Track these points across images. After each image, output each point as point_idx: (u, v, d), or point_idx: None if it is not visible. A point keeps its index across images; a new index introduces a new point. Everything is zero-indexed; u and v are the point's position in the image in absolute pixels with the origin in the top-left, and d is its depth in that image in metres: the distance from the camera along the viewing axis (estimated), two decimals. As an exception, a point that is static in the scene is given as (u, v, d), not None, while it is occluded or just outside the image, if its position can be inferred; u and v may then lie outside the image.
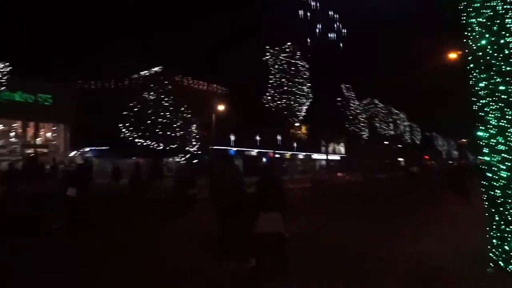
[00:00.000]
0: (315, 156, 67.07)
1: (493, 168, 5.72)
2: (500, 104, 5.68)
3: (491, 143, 5.75)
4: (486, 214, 5.93)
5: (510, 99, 5.65)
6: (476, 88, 5.98)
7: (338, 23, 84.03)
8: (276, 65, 33.29)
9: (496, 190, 5.66)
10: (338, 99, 44.40)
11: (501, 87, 5.69)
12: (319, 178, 25.40)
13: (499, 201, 5.63)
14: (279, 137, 53.97)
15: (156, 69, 46.28)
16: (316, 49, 62.88)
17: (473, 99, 6.04)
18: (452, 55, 34.79)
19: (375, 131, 55.91)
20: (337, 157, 66.48)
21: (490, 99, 5.77)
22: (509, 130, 5.60)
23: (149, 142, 26.07)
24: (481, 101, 5.90)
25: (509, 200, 5.53)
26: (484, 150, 5.85)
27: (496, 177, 5.67)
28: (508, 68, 5.68)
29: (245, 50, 37.69)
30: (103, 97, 42.01)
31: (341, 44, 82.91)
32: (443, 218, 11.87)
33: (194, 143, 28.87)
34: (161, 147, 26.44)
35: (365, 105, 57.15)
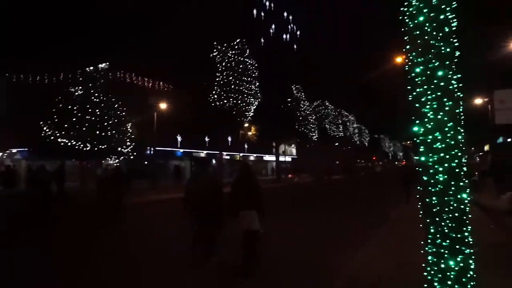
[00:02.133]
0: (267, 157, 66.28)
1: (430, 170, 4.73)
2: (437, 93, 4.71)
3: (427, 140, 4.77)
4: (421, 226, 4.95)
5: (450, 87, 4.70)
6: (412, 74, 4.97)
7: (292, 25, 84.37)
8: (224, 62, 31.90)
9: (433, 197, 4.68)
10: (289, 99, 43.94)
11: (440, 73, 4.72)
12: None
13: (435, 210, 4.65)
14: (229, 138, 52.50)
15: (102, 65, 43.21)
16: (269, 48, 62.22)
17: (408, 87, 5.03)
18: (399, 59, 35.45)
19: (325, 133, 56.30)
20: (288, 159, 66.21)
21: (427, 87, 4.79)
22: (448, 124, 4.64)
23: (74, 142, 23.33)
24: (417, 89, 4.90)
25: (447, 209, 4.57)
26: (420, 149, 4.86)
27: (433, 181, 4.69)
28: (448, 50, 4.72)
29: (192, 45, 35.84)
30: (33, 92, 38.19)
31: (294, 46, 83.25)
32: (386, 223, 11.12)
33: (128, 143, 26.52)
34: (88, 148, 23.78)
35: (316, 107, 57.46)
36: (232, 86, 32.13)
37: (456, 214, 4.49)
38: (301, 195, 24.44)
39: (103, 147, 23.90)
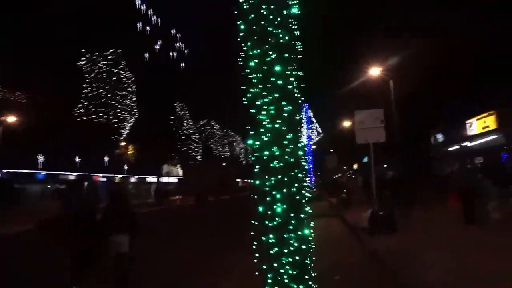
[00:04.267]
0: (150, 179, 62.24)
1: (267, 197, 3.50)
2: (275, 95, 3.57)
3: (263, 157, 3.57)
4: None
5: (289, 86, 3.61)
6: (247, 70, 3.76)
7: (180, 43, 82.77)
8: (93, 73, 28.33)
9: (269, 235, 3.43)
10: (171, 117, 41.77)
11: (278, 68, 3.60)
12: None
13: (273, 253, 3.41)
14: (106, 159, 47.41)
15: None
16: (152, 63, 59.16)
17: (243, 88, 3.81)
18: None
19: (210, 152, 55.43)
20: (175, 180, 63.31)
21: (263, 86, 3.62)
22: (287, 136, 3.52)
23: None
24: (251, 90, 3.70)
25: (286, 250, 3.36)
26: (255, 169, 3.62)
27: (270, 213, 3.46)
28: (286, 38, 3.64)
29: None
30: None
31: (182, 64, 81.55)
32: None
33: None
34: None
35: (201, 126, 56.37)
36: (103, 100, 28.69)
37: (297, 258, 3.33)
38: (177, 219, 22.50)
39: None
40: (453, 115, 21.18)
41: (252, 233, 3.55)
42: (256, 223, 3.49)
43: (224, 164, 64.84)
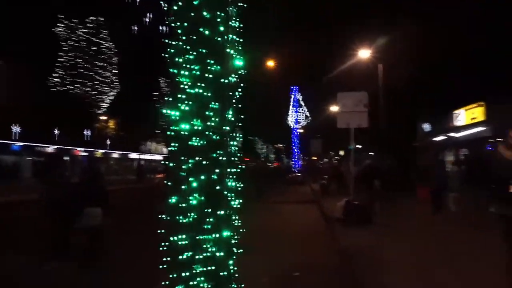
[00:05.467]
0: (134, 155, 61.08)
1: (181, 186, 2.64)
2: (200, 50, 2.66)
3: (181, 132, 2.68)
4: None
5: (218, 39, 2.70)
6: (172, 17, 2.83)
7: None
8: (71, 41, 26.72)
9: (180, 235, 2.60)
10: (155, 93, 40.26)
11: (206, 14, 2.69)
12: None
13: (182, 259, 2.58)
14: (87, 132, 46.03)
15: None
16: (139, 36, 56.97)
17: (168, 41, 2.88)
18: (270, 63, 35.52)
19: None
20: (159, 157, 62.28)
21: (187, 38, 2.70)
22: (211, 105, 2.63)
23: None
24: (173, 43, 2.78)
25: (200, 258, 2.54)
26: (170, 148, 2.75)
27: (185, 206, 2.61)
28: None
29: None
30: None
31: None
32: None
33: None
34: None
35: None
36: (82, 70, 27.18)
37: (213, 267, 2.51)
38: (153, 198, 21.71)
39: None
40: (441, 105, 20.52)
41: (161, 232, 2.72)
42: (166, 219, 2.65)
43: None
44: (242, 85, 2.77)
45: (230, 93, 2.66)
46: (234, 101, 2.70)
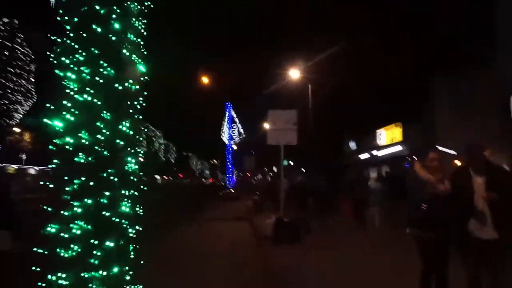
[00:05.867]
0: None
1: (65, 211, 2.18)
2: (92, 50, 2.26)
3: (66, 146, 2.23)
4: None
5: (113, 38, 2.32)
6: (59, 10, 2.39)
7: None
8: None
9: (60, 274, 2.12)
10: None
11: (98, 8, 2.30)
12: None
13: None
14: (-3, 146, 41.35)
15: None
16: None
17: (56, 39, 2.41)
18: (204, 79, 35.09)
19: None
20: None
21: (75, 35, 2.29)
22: (102, 115, 2.23)
23: None
24: (60, 40, 2.34)
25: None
26: (53, 164, 2.27)
27: (68, 237, 2.15)
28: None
29: None
30: None
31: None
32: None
33: None
34: None
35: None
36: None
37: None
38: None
39: None
40: (365, 124, 21.82)
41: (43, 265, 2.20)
42: (44, 252, 2.14)
43: (141, 159, 61.03)
44: (144, 93, 2.41)
45: (128, 102, 2.27)
46: (132, 111, 2.31)
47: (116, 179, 2.15)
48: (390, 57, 18.06)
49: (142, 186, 2.31)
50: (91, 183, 2.10)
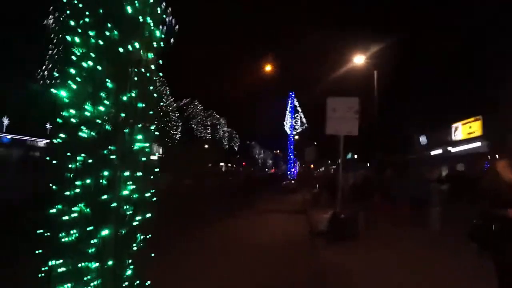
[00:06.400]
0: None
1: (67, 190, 1.97)
2: (98, 11, 2.00)
3: (69, 118, 2.01)
4: None
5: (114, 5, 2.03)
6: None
7: (170, 17, 79.23)
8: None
9: (59, 257, 1.92)
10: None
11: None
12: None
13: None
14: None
15: None
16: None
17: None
18: (267, 68, 34.93)
19: (190, 133, 53.42)
20: (155, 158, 61.33)
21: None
22: (105, 84, 1.96)
23: None
24: (73, 2, 2.11)
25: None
26: (57, 139, 2.07)
27: (66, 219, 1.94)
28: None
29: None
30: None
31: (171, 40, 78.02)
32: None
33: None
34: None
35: (184, 105, 54.13)
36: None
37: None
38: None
39: None
40: (439, 117, 19.93)
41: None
42: (46, 234, 1.95)
43: (206, 146, 63.02)
44: (158, 63, 2.11)
45: (135, 70, 1.98)
46: (141, 81, 2.02)
47: (116, 158, 1.88)
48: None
49: (152, 167, 2.02)
50: (90, 161, 1.85)
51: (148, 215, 2.03)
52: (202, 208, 16.15)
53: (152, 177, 2.04)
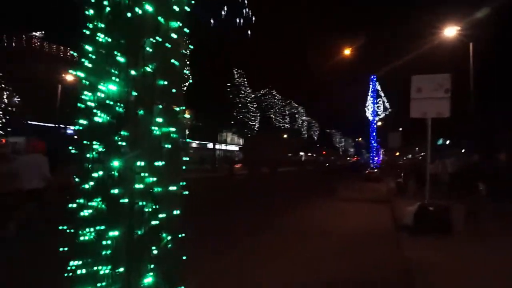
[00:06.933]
0: (211, 146, 63.09)
1: (89, 176, 1.74)
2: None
3: (89, 101, 1.77)
4: None
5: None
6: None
7: (247, 9, 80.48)
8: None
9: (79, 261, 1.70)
10: (228, 84, 40.48)
11: None
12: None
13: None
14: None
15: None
16: (214, 30, 57.99)
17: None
18: (346, 51, 33.33)
19: (269, 123, 53.58)
20: (235, 148, 63.46)
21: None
22: (117, 59, 1.67)
23: None
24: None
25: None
26: (79, 121, 1.84)
27: (88, 213, 1.72)
28: None
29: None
30: None
31: (249, 32, 79.33)
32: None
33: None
34: None
35: (262, 95, 54.45)
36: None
37: None
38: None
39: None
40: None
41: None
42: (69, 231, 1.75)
43: (285, 136, 62.98)
44: (185, 32, 1.76)
45: (152, 40, 1.65)
46: (157, 53, 1.68)
47: (127, 144, 1.58)
48: None
49: (179, 158, 1.69)
50: (100, 149, 1.59)
51: (175, 212, 1.72)
52: (282, 195, 15.99)
53: (180, 167, 1.71)
